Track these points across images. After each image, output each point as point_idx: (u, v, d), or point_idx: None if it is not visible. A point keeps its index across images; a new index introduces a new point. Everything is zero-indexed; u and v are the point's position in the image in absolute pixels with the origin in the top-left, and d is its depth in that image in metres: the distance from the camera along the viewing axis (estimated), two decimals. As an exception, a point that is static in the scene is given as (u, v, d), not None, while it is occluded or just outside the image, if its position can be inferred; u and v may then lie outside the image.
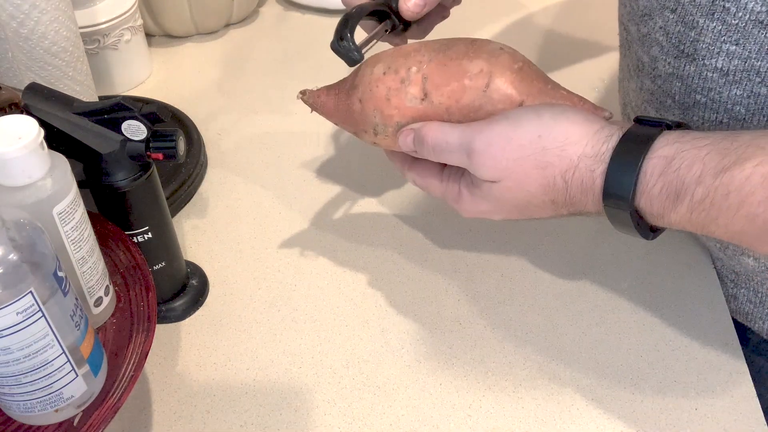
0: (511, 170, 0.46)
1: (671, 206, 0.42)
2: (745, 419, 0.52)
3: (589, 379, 0.54)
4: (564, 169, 0.44)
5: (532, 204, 0.47)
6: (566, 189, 0.45)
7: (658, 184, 0.42)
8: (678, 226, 0.43)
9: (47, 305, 0.40)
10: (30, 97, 0.49)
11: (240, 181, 0.71)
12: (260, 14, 0.96)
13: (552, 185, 0.45)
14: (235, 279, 0.62)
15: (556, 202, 0.46)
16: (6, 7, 0.59)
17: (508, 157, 0.45)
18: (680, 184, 0.41)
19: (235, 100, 0.82)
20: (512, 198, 0.47)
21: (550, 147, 0.45)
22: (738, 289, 0.60)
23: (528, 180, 0.45)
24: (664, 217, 0.43)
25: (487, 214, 0.50)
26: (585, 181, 0.44)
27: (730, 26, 0.46)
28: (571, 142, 0.44)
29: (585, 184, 0.44)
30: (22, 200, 0.43)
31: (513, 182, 0.46)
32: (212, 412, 0.53)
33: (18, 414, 0.44)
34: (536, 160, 0.45)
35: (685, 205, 0.41)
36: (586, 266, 0.62)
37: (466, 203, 0.50)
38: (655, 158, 0.42)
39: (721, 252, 0.57)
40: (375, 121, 0.51)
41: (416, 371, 0.55)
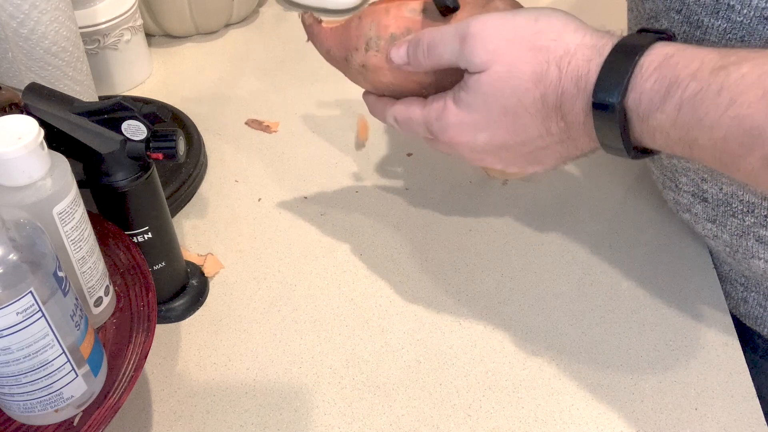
0: (503, 51, 0.44)
1: (659, 103, 0.40)
2: (745, 419, 0.52)
3: (589, 380, 0.54)
4: (559, 54, 0.43)
5: (521, 104, 0.44)
6: (559, 80, 0.43)
7: (652, 78, 0.40)
8: (661, 131, 0.41)
9: (47, 305, 0.40)
10: (30, 97, 0.49)
11: (240, 181, 0.71)
12: (260, 14, 0.96)
13: (545, 74, 0.43)
14: (235, 279, 0.62)
15: (547, 102, 0.44)
16: (6, 7, 0.59)
17: (501, 36, 0.44)
18: (674, 78, 0.39)
19: (235, 100, 0.82)
20: (501, 91, 0.44)
21: (546, 30, 0.43)
22: (748, 293, 0.60)
23: (520, 63, 0.43)
24: (649, 118, 0.41)
25: (471, 133, 0.47)
26: (581, 70, 0.42)
27: (735, 24, 0.46)
28: (569, 30, 0.43)
29: (580, 74, 0.42)
30: (22, 200, 0.43)
31: (504, 66, 0.44)
32: (212, 412, 0.53)
33: (18, 414, 0.44)
34: (531, 42, 0.43)
35: (674, 101, 0.39)
36: (586, 266, 0.62)
37: (450, 116, 0.47)
38: (654, 54, 0.41)
39: (730, 256, 0.57)
40: (370, 33, 0.50)
41: (416, 371, 0.55)
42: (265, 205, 0.69)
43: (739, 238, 0.54)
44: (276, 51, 0.89)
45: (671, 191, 0.59)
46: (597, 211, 0.67)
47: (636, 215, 0.67)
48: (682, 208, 0.58)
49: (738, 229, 0.54)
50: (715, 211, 0.55)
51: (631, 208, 0.67)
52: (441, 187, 0.70)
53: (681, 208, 0.59)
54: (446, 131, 0.48)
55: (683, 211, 0.58)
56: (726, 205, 0.54)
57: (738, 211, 0.53)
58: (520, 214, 0.67)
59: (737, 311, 0.62)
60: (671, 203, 0.60)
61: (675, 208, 0.60)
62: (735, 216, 0.53)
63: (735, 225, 0.54)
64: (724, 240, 0.56)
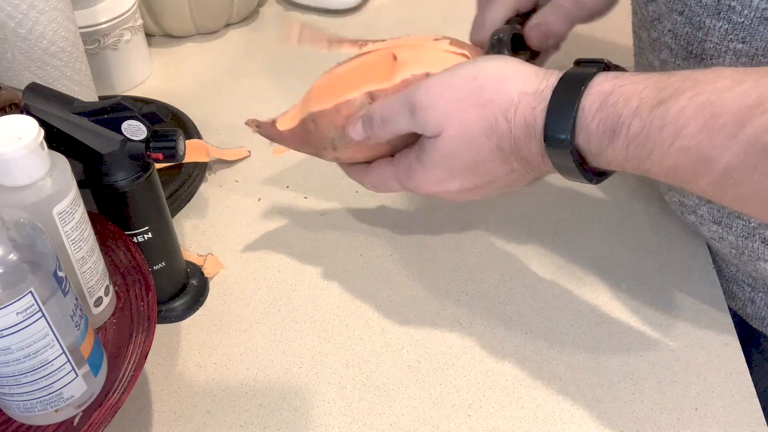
0: (452, 114, 0.45)
1: (608, 142, 0.41)
2: (745, 419, 0.52)
3: (589, 379, 0.54)
4: (504, 107, 0.44)
5: (480, 156, 0.46)
6: (510, 131, 0.45)
7: (596, 119, 0.41)
8: (616, 164, 0.43)
9: (47, 305, 0.40)
10: (30, 97, 0.49)
11: (240, 181, 0.71)
12: (260, 14, 0.96)
13: (495, 127, 0.45)
14: (235, 279, 0.62)
15: (503, 149, 0.46)
16: (4, 6, 0.59)
17: (447, 100, 0.46)
18: (617, 118, 0.41)
19: (235, 100, 0.82)
20: (459, 150, 0.46)
21: (486, 85, 0.45)
22: (755, 294, 0.60)
23: (470, 122, 0.45)
24: (601, 154, 0.42)
25: (443, 184, 0.49)
26: (527, 119, 0.44)
27: (737, 24, 0.46)
28: (507, 79, 0.45)
29: (528, 123, 0.44)
30: (22, 200, 0.43)
31: (456, 128, 0.46)
32: (212, 412, 0.53)
33: (18, 414, 0.44)
34: (475, 99, 0.45)
35: (621, 140, 0.41)
36: (587, 266, 0.62)
37: (419, 175, 0.49)
38: (594, 94, 0.42)
39: (736, 258, 0.57)
40: (331, 135, 0.52)
41: (416, 371, 0.55)
42: (265, 205, 0.69)
43: (745, 240, 0.54)
44: (276, 51, 0.89)
45: (676, 193, 0.59)
46: (597, 211, 0.67)
47: (636, 216, 0.67)
48: (687, 210, 0.58)
49: (744, 230, 0.54)
50: (720, 213, 0.55)
51: (631, 209, 0.67)
52: (441, 187, 0.70)
53: (686, 210, 0.58)
54: (419, 188, 0.50)
55: (688, 213, 0.58)
56: None
57: (743, 213, 0.53)
58: (521, 215, 0.67)
59: (744, 312, 0.62)
60: (675, 205, 0.60)
61: (680, 210, 0.60)
62: (740, 217, 0.53)
63: (741, 227, 0.54)
64: (729, 242, 0.56)
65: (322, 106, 0.51)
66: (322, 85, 0.53)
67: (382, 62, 0.51)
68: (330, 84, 0.53)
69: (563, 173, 0.45)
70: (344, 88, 0.51)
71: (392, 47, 0.53)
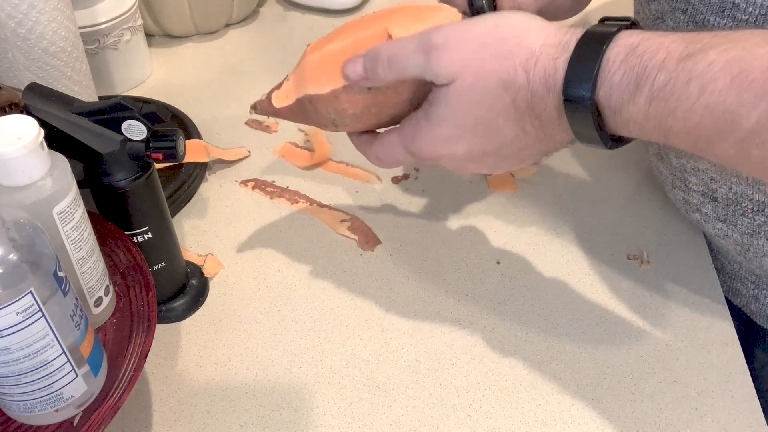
0: (469, 61, 0.43)
1: (630, 96, 0.40)
2: (745, 419, 0.52)
3: (589, 379, 0.54)
4: (524, 58, 0.42)
5: (493, 111, 0.44)
6: (528, 84, 0.43)
7: (620, 71, 0.40)
8: (635, 123, 0.41)
9: (47, 305, 0.40)
10: (30, 97, 0.49)
11: (240, 181, 0.71)
12: (260, 14, 0.96)
13: (513, 80, 0.43)
14: (235, 279, 0.62)
15: (518, 105, 0.43)
16: (4, 6, 0.59)
17: (466, 47, 0.43)
18: (642, 70, 0.39)
19: (235, 100, 0.82)
20: (472, 102, 0.44)
21: (508, 36, 0.43)
22: (759, 291, 0.60)
23: (487, 72, 0.43)
24: (622, 110, 0.41)
25: (449, 145, 0.46)
26: (547, 70, 0.42)
27: (740, 22, 0.46)
28: (530, 31, 0.43)
29: (548, 74, 0.42)
30: (22, 200, 0.43)
31: (472, 77, 0.43)
32: (212, 412, 0.53)
33: (18, 414, 0.44)
34: (495, 50, 0.43)
35: (644, 95, 0.39)
36: (587, 266, 0.62)
37: (425, 133, 0.47)
38: (619, 46, 0.40)
39: (740, 255, 0.57)
40: (331, 116, 0.51)
41: (416, 371, 0.55)
42: (265, 205, 0.69)
43: (750, 237, 0.54)
44: (276, 51, 0.89)
45: (680, 191, 0.59)
46: (597, 211, 0.67)
47: (636, 216, 0.67)
48: (691, 208, 0.58)
49: (749, 228, 0.54)
50: (725, 211, 0.55)
51: (630, 209, 0.67)
52: (441, 186, 0.70)
53: (690, 208, 0.58)
54: (424, 149, 0.47)
55: (693, 211, 0.58)
56: (736, 204, 0.54)
57: (748, 210, 0.53)
58: (521, 215, 0.67)
59: (748, 309, 0.62)
60: (680, 203, 0.60)
61: (684, 208, 0.60)
62: (745, 215, 0.53)
63: (746, 224, 0.54)
64: (734, 239, 0.56)
65: (318, 90, 0.50)
66: (315, 64, 0.51)
67: (376, 41, 0.49)
68: (324, 63, 0.51)
69: (578, 135, 0.43)
70: (339, 70, 0.49)
71: (385, 19, 0.50)
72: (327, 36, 0.53)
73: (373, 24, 0.51)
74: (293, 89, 0.53)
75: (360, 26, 0.51)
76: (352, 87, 0.48)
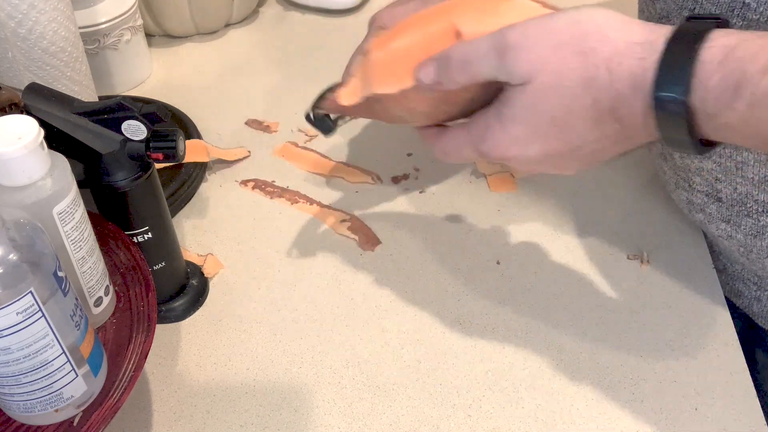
0: (548, 60, 0.40)
1: (729, 101, 0.37)
2: (745, 419, 0.52)
3: (589, 379, 0.54)
4: (608, 55, 0.39)
5: (571, 113, 0.41)
6: (611, 83, 0.40)
7: (717, 75, 0.37)
8: (731, 129, 0.38)
9: (47, 305, 0.40)
10: (30, 97, 0.49)
11: (240, 181, 0.71)
12: (260, 14, 0.96)
13: (595, 78, 0.40)
14: (235, 279, 0.62)
15: (600, 106, 0.41)
16: (4, 6, 0.59)
17: (544, 45, 0.41)
18: (742, 75, 0.36)
19: (236, 100, 0.82)
20: (549, 103, 0.41)
21: (590, 31, 0.40)
22: (762, 292, 0.60)
23: (567, 70, 0.40)
24: (719, 116, 0.38)
25: (521, 146, 0.44)
26: (634, 71, 0.39)
27: (751, 22, 0.45)
28: (614, 27, 0.40)
29: (635, 75, 0.39)
30: (22, 200, 0.43)
31: (550, 76, 0.41)
32: (212, 412, 0.53)
33: (18, 414, 0.44)
34: (576, 46, 0.40)
35: (744, 100, 0.36)
36: (587, 266, 0.62)
37: (496, 133, 0.44)
38: (716, 47, 0.37)
39: (744, 256, 0.57)
40: (401, 113, 0.49)
41: (416, 371, 0.55)
42: (265, 205, 0.69)
43: (754, 239, 0.54)
44: (276, 51, 0.89)
45: (684, 191, 0.58)
46: (597, 211, 0.67)
47: (636, 216, 0.67)
48: (695, 208, 0.58)
49: (753, 229, 0.54)
50: (729, 211, 0.55)
51: (630, 210, 0.67)
52: (441, 186, 0.70)
53: (694, 209, 0.58)
54: (494, 150, 0.45)
55: (696, 211, 0.58)
56: (741, 205, 0.53)
57: (753, 211, 0.53)
58: (521, 214, 0.67)
59: (750, 310, 0.62)
60: (684, 203, 0.60)
61: (687, 208, 0.59)
62: (750, 216, 0.53)
63: (750, 225, 0.54)
64: (738, 240, 0.55)
65: (387, 89, 0.48)
66: (382, 63, 0.49)
67: (444, 38, 0.46)
68: (391, 62, 0.49)
69: (667, 139, 0.40)
70: (408, 69, 0.47)
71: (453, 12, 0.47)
72: (391, 30, 0.51)
73: (440, 17, 0.48)
74: (360, 87, 0.51)
75: (426, 20, 0.49)
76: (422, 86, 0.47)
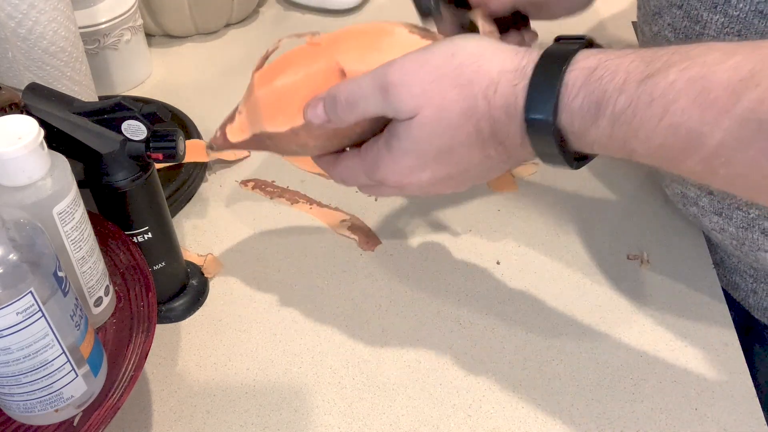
0: (429, 94, 0.43)
1: (592, 120, 0.39)
2: (745, 419, 0.52)
3: (589, 379, 0.54)
4: (485, 85, 0.42)
5: (456, 141, 0.44)
6: (489, 111, 0.42)
7: (580, 96, 0.39)
8: (599, 145, 0.40)
9: (47, 305, 0.40)
10: (30, 97, 0.49)
11: (240, 181, 0.71)
12: (260, 14, 0.96)
13: (474, 108, 0.42)
14: (235, 279, 0.62)
15: (481, 133, 0.43)
16: (4, 6, 0.59)
17: (423, 80, 0.43)
18: (602, 94, 0.38)
19: (235, 100, 0.81)
20: (434, 134, 0.44)
21: (466, 63, 0.42)
22: (758, 284, 0.60)
23: (448, 102, 0.43)
24: (585, 135, 0.40)
25: (414, 174, 0.46)
26: (508, 98, 0.41)
27: (732, 18, 0.47)
28: (487, 57, 0.42)
29: (508, 102, 0.41)
30: (22, 200, 0.43)
31: (433, 109, 0.43)
32: (212, 412, 0.53)
33: (18, 414, 0.44)
34: (454, 79, 0.42)
35: (606, 118, 0.39)
36: (587, 266, 0.62)
37: (388, 164, 0.46)
38: (577, 69, 0.40)
39: (737, 249, 0.57)
40: (293, 149, 0.50)
41: (416, 371, 0.55)
42: (265, 205, 0.69)
43: (745, 231, 0.54)
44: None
45: (678, 184, 0.59)
46: (597, 211, 0.67)
47: (636, 216, 0.67)
48: (688, 202, 0.59)
49: (743, 221, 0.54)
50: (720, 204, 0.55)
51: (630, 209, 0.67)
52: (441, 187, 0.70)
53: (688, 202, 0.59)
54: (387, 178, 0.47)
55: (690, 204, 0.58)
56: (731, 197, 0.54)
57: (743, 204, 0.53)
58: (521, 215, 0.67)
59: (746, 303, 0.62)
60: (678, 197, 0.60)
61: (682, 202, 0.60)
62: (740, 208, 0.54)
63: (740, 217, 0.54)
64: (730, 233, 0.56)
65: (276, 128, 0.48)
66: (268, 101, 0.50)
67: (328, 76, 0.48)
68: (277, 100, 0.49)
69: (542, 157, 0.43)
70: (296, 107, 0.48)
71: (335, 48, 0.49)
72: (273, 63, 0.51)
73: (323, 55, 0.49)
74: (247, 124, 0.51)
75: (308, 57, 0.50)
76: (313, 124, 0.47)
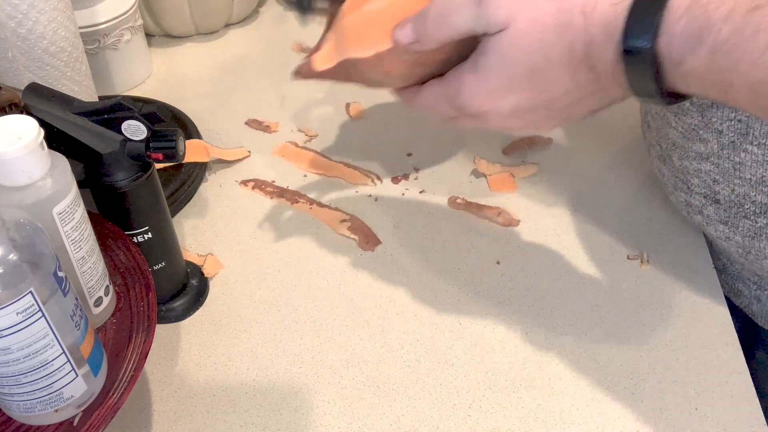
0: (523, 6, 0.41)
1: (691, 48, 0.37)
2: (745, 419, 0.52)
3: (589, 379, 0.54)
4: (583, 1, 0.40)
5: (547, 60, 0.42)
6: (585, 28, 0.40)
7: (683, 20, 0.37)
8: (695, 77, 0.38)
9: (47, 305, 0.40)
10: (30, 97, 0.49)
11: (240, 181, 0.71)
12: (260, 14, 0.96)
13: (569, 24, 0.40)
14: (235, 279, 0.62)
15: (574, 53, 0.41)
16: (4, 6, 0.59)
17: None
18: (705, 21, 0.37)
19: (235, 100, 0.82)
20: (524, 50, 0.41)
21: None
22: (762, 291, 0.60)
23: (543, 15, 0.41)
24: (682, 63, 0.38)
25: (496, 98, 0.44)
26: (607, 16, 0.39)
27: None
28: None
29: (607, 20, 0.39)
30: (22, 200, 0.43)
31: (526, 21, 0.41)
32: (212, 412, 0.53)
33: (18, 414, 0.44)
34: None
35: (706, 46, 0.37)
36: (587, 266, 0.62)
37: (472, 85, 0.44)
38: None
39: (742, 257, 0.57)
40: (376, 77, 0.49)
41: (416, 371, 0.55)
42: (265, 205, 0.69)
43: (752, 240, 0.54)
44: (276, 51, 0.89)
45: (683, 193, 0.58)
46: (597, 211, 0.67)
47: (636, 216, 0.67)
48: (693, 210, 0.58)
49: (750, 230, 0.54)
50: (727, 213, 0.55)
51: (630, 210, 0.67)
52: (441, 186, 0.70)
53: (692, 210, 0.58)
54: (470, 102, 0.45)
55: (695, 213, 0.58)
56: (738, 207, 0.53)
57: (750, 213, 0.53)
58: (521, 215, 0.67)
59: (750, 310, 0.62)
60: (682, 205, 0.60)
61: (686, 210, 0.59)
62: (747, 217, 0.53)
63: (747, 226, 0.54)
64: (736, 242, 0.55)
65: (362, 53, 0.48)
66: (356, 26, 0.49)
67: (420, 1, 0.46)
68: (364, 25, 0.48)
69: (634, 87, 0.41)
70: (383, 32, 0.46)
71: None
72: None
73: None
74: (334, 51, 0.50)
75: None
76: (397, 49, 0.46)
